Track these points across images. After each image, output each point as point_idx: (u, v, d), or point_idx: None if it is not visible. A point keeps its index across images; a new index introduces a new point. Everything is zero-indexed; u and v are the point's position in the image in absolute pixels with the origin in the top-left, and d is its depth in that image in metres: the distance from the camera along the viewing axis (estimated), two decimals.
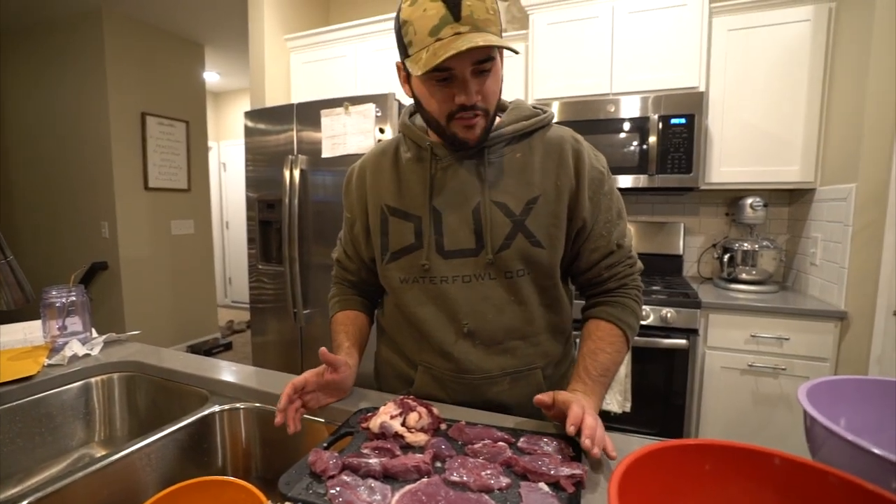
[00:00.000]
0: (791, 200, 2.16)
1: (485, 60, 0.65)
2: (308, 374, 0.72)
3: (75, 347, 1.03)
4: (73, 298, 1.07)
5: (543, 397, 0.65)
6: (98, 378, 1.01)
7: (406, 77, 0.73)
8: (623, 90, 2.02)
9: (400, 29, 0.67)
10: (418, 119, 0.82)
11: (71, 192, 3.44)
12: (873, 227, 1.50)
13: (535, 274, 0.76)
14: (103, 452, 0.69)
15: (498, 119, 0.78)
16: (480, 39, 0.60)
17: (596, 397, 0.71)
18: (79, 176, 3.38)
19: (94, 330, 1.14)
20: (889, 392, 0.54)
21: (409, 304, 0.80)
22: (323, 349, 0.70)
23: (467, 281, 0.76)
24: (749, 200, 2.02)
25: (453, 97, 0.67)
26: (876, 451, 0.39)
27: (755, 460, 0.41)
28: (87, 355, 1.04)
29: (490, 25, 0.63)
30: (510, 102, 0.81)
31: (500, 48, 0.65)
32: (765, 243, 1.96)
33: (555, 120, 0.86)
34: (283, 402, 0.68)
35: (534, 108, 0.80)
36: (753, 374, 1.73)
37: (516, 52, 0.65)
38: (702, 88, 1.92)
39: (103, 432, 1.01)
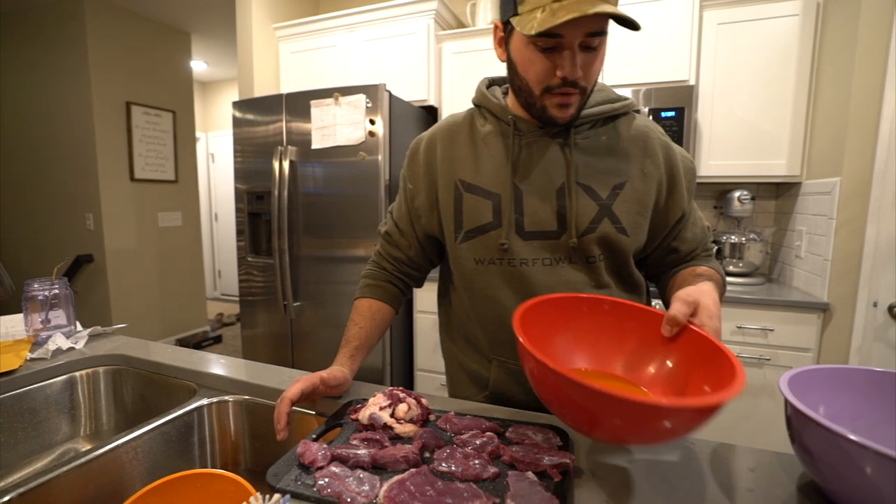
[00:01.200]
0: (778, 194, 2.18)
1: (597, 34, 0.61)
2: (302, 387, 0.68)
3: (59, 341, 1.01)
4: (56, 291, 1.05)
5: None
6: (83, 372, 0.99)
7: (503, 38, 0.69)
8: (614, 83, 2.02)
9: None
10: (497, 91, 0.78)
11: (54, 183, 3.37)
12: (856, 220, 1.53)
13: (613, 260, 0.74)
14: (89, 447, 0.69)
15: None
16: (607, 7, 0.56)
17: (710, 283, 0.62)
18: (62, 167, 3.32)
19: (78, 323, 1.13)
20: (865, 381, 0.56)
21: (483, 287, 0.76)
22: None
23: (548, 264, 0.72)
24: (737, 194, 2.04)
25: (555, 69, 0.63)
26: (852, 437, 0.40)
27: (601, 303, 0.63)
28: (72, 349, 1.03)
29: None
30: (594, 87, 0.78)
31: (624, 21, 0.58)
32: (752, 236, 1.98)
33: None
34: (282, 422, 0.64)
35: (618, 94, 0.76)
36: None
37: (638, 28, 0.59)
38: (692, 82, 1.93)
39: (89, 427, 1.00)
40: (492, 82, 0.81)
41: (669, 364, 0.56)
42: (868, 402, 0.55)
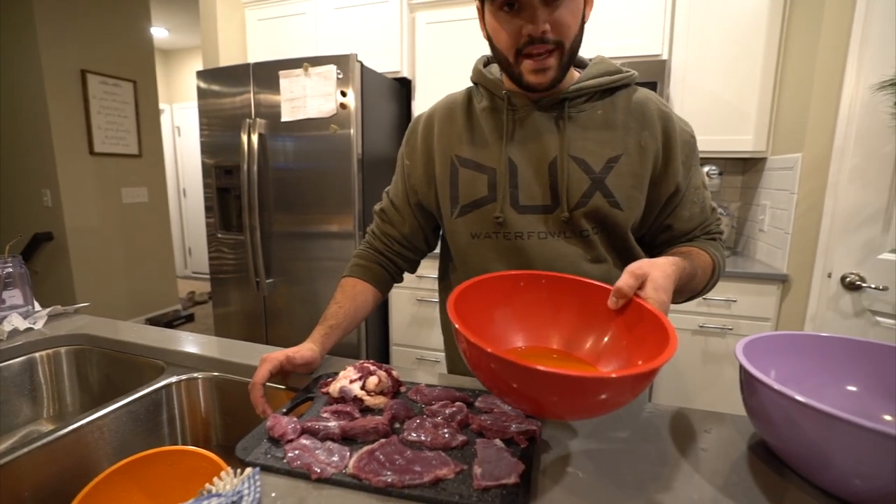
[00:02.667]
0: (745, 169, 2.24)
1: None
2: (269, 367, 0.68)
3: (15, 321, 0.98)
4: (10, 270, 1.00)
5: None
6: (43, 353, 0.96)
7: (482, 17, 0.70)
8: (587, 56, 2.00)
9: None
10: (494, 68, 0.78)
11: (6, 158, 3.18)
12: (815, 194, 1.59)
13: (608, 234, 0.73)
14: (52, 428, 0.67)
15: (578, 74, 0.74)
16: None
17: (672, 259, 0.61)
18: (13, 140, 3.12)
19: (37, 303, 1.08)
20: (812, 346, 0.59)
21: (479, 261, 0.76)
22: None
23: (543, 238, 0.72)
24: (706, 169, 2.08)
25: (521, 29, 0.63)
26: (797, 397, 0.43)
27: (539, 279, 0.61)
28: (30, 329, 0.99)
29: None
30: (592, 58, 0.76)
31: None
32: (719, 210, 2.04)
33: None
34: (261, 406, 0.66)
35: (619, 66, 0.75)
36: (703, 335, 1.83)
37: None
38: (664, 56, 1.93)
39: (52, 408, 0.98)
40: (489, 60, 0.81)
41: (607, 337, 0.56)
42: (815, 365, 0.58)
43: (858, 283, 1.44)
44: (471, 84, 0.81)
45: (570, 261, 0.72)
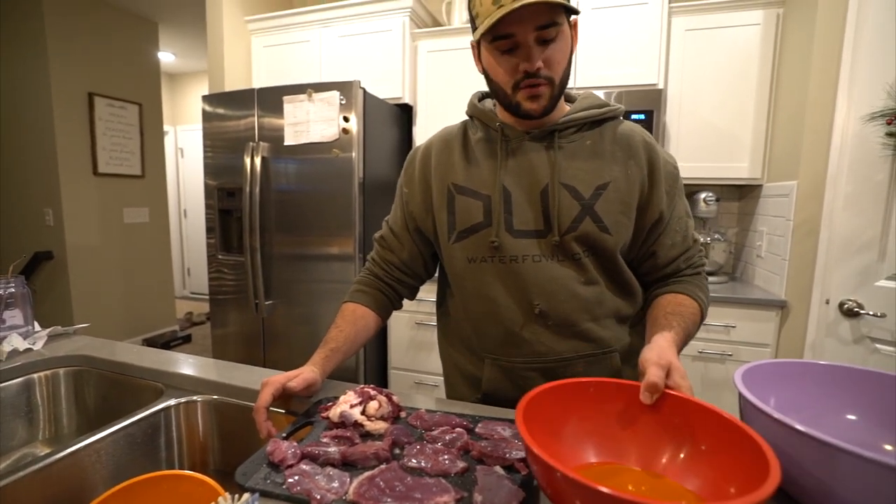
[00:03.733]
0: (741, 196, 2.27)
1: (548, 26, 0.65)
2: (272, 391, 0.68)
3: (15, 342, 0.97)
4: (12, 290, 1.01)
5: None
6: (41, 374, 0.96)
7: (477, 54, 0.75)
8: (586, 85, 2.06)
9: (469, 3, 0.69)
10: (488, 102, 0.83)
11: (10, 176, 3.21)
12: (811, 222, 1.61)
13: (598, 258, 0.76)
14: (48, 451, 0.66)
15: (568, 107, 0.79)
16: None
17: (672, 335, 0.66)
18: (18, 159, 3.16)
19: (36, 323, 1.08)
20: (812, 373, 0.59)
21: (476, 285, 0.78)
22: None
23: (537, 260, 0.75)
24: (703, 195, 2.11)
25: (518, 66, 0.68)
26: (798, 426, 0.43)
27: (609, 386, 0.58)
28: (29, 350, 0.99)
29: None
30: (580, 93, 0.81)
31: (562, 6, 0.64)
32: (716, 236, 2.06)
33: None
34: (265, 430, 0.65)
35: (606, 101, 0.80)
36: (703, 360, 1.83)
37: (577, 13, 0.66)
38: (661, 85, 1.98)
39: (48, 430, 0.97)
40: (484, 96, 0.85)
41: (684, 451, 0.52)
42: (814, 393, 0.58)
43: (857, 309, 1.44)
44: (466, 117, 0.86)
45: (564, 283, 0.75)
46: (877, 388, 0.56)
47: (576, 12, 0.67)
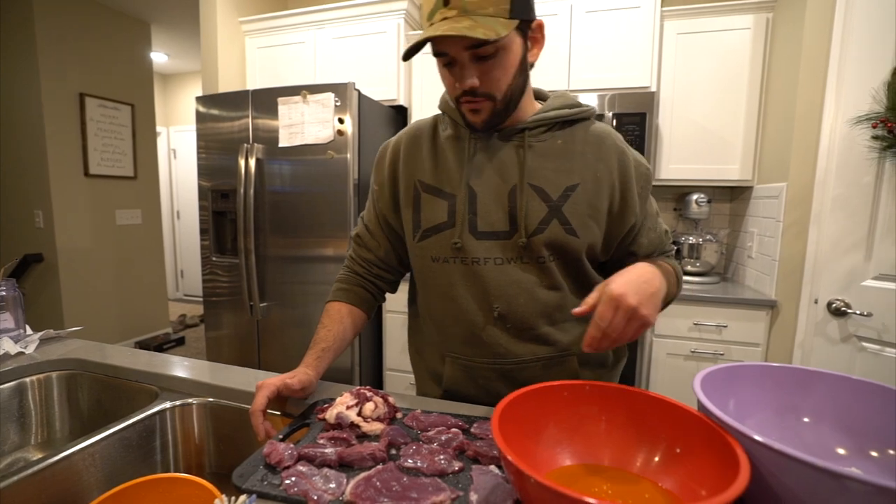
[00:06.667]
0: (732, 197, 2.30)
1: (480, 45, 0.63)
2: (267, 394, 0.68)
3: (6, 346, 0.97)
4: (3, 293, 1.00)
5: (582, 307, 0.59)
6: (34, 377, 0.95)
7: None
8: (580, 87, 2.08)
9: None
10: None
11: None
12: (800, 223, 1.63)
13: (564, 261, 0.75)
14: (41, 455, 0.66)
15: (539, 105, 0.78)
16: (463, 25, 0.60)
17: (655, 271, 0.62)
18: (7, 160, 3.12)
19: (28, 327, 1.08)
20: (770, 376, 0.59)
21: (438, 285, 0.79)
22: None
23: (499, 263, 0.74)
24: (694, 196, 2.14)
25: (455, 82, 0.68)
26: (757, 437, 0.42)
27: (584, 388, 0.58)
28: (21, 353, 0.98)
29: (483, 7, 0.61)
30: (554, 92, 0.81)
31: (473, 38, 0.60)
32: (708, 237, 2.08)
33: None
34: (262, 433, 0.66)
35: (578, 101, 0.80)
36: (695, 360, 1.85)
37: (487, 42, 0.61)
38: (653, 88, 2.00)
39: (41, 435, 0.96)
40: None
41: (659, 451, 0.53)
42: (772, 396, 0.58)
43: (844, 309, 1.47)
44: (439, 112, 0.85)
45: (525, 287, 0.75)
46: (831, 390, 0.56)
47: (528, 22, 0.66)
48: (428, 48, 0.65)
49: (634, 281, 0.58)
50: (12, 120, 3.07)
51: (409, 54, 0.65)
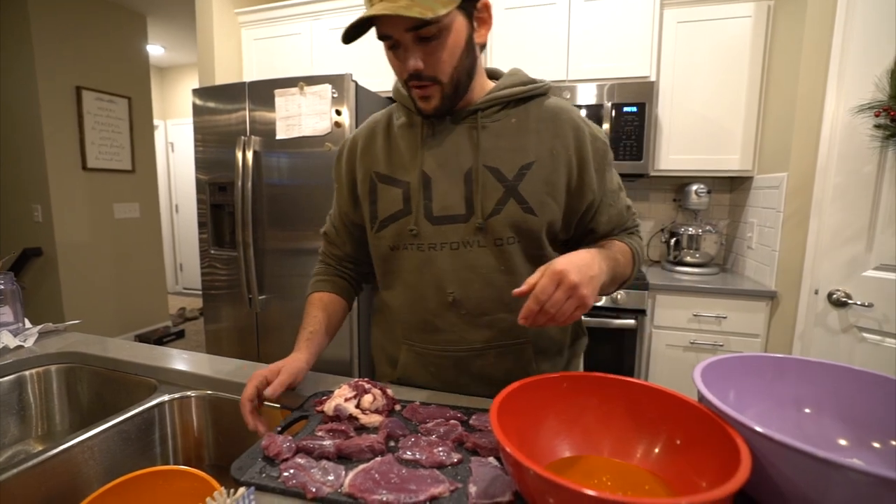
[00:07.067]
0: (732, 187, 2.29)
1: (422, 26, 0.62)
2: (256, 384, 0.68)
3: (5, 339, 0.96)
4: (2, 287, 1.00)
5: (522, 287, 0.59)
6: (33, 371, 0.95)
7: None
8: (579, 77, 2.06)
9: None
10: None
11: None
12: (800, 213, 1.63)
13: (525, 242, 0.74)
14: (41, 448, 0.66)
15: (492, 84, 0.77)
16: (399, 5, 0.58)
17: (595, 249, 0.66)
18: (5, 154, 3.11)
19: (27, 320, 1.07)
20: (771, 367, 0.58)
21: (395, 272, 0.79)
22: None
23: (455, 248, 0.74)
24: (694, 187, 2.13)
25: (401, 66, 0.68)
26: (758, 428, 0.42)
27: (583, 380, 0.58)
28: (20, 347, 0.98)
29: None
30: (508, 71, 0.79)
31: (412, 18, 0.59)
32: (707, 228, 2.08)
33: None
34: (252, 423, 0.66)
35: (532, 78, 0.78)
36: (695, 351, 1.85)
37: (426, 24, 0.61)
38: (653, 78, 1.99)
39: (41, 427, 0.96)
40: None
41: (660, 443, 0.53)
42: (773, 387, 0.57)
43: (844, 299, 1.47)
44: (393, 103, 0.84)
45: (480, 272, 0.74)
46: (832, 381, 0.56)
47: (473, 1, 0.64)
48: (338, 40, 0.65)
49: (576, 262, 0.59)
50: (9, 114, 3.05)
51: (347, 37, 0.64)
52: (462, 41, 0.67)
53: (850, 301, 1.46)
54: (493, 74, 0.80)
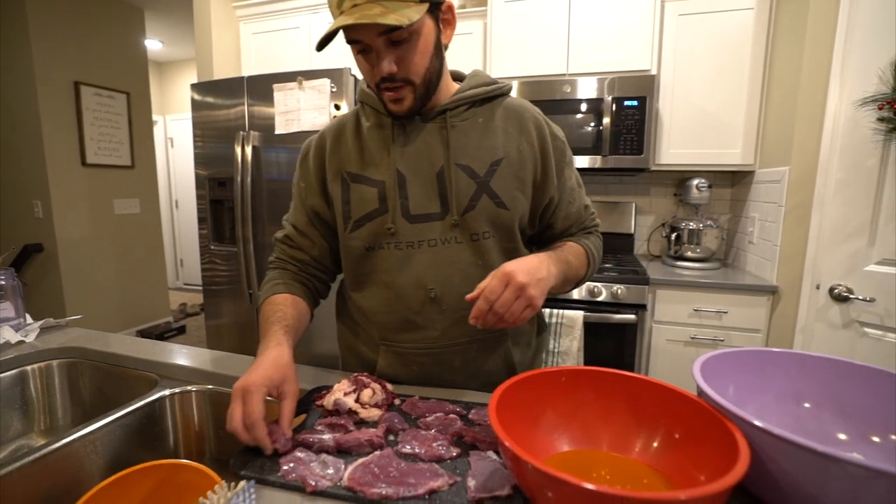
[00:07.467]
0: (733, 182, 2.28)
1: (394, 30, 0.62)
2: (262, 397, 0.58)
3: (7, 334, 0.97)
4: (2, 282, 1.00)
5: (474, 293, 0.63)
6: (35, 366, 0.95)
7: None
8: (579, 71, 2.05)
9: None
10: None
11: None
12: (802, 207, 1.62)
13: (500, 236, 0.77)
14: (43, 442, 0.67)
15: (457, 85, 0.79)
16: (374, 12, 0.59)
17: (544, 254, 0.71)
18: (5, 151, 3.10)
19: (28, 316, 1.08)
20: (770, 362, 0.58)
21: (372, 272, 0.78)
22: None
23: (433, 245, 0.75)
24: (695, 181, 2.12)
25: (373, 69, 0.68)
26: (757, 423, 0.42)
27: (582, 374, 0.58)
28: (22, 342, 0.98)
29: None
30: (470, 73, 0.81)
31: (386, 25, 0.60)
32: (708, 223, 2.07)
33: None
34: (270, 445, 0.56)
35: (494, 79, 0.81)
36: (695, 346, 1.85)
37: (399, 27, 0.61)
38: (653, 72, 1.98)
39: (43, 422, 0.97)
40: None
41: (658, 437, 0.53)
42: (772, 381, 0.57)
43: (846, 294, 1.46)
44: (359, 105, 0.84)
45: (460, 267, 0.76)
46: (832, 376, 0.55)
47: (437, 4, 0.66)
48: (341, 36, 0.64)
49: (525, 265, 0.64)
50: (9, 110, 3.04)
51: (321, 45, 0.64)
52: (431, 43, 0.69)
53: (851, 296, 1.45)
54: (456, 76, 0.82)
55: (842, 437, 0.53)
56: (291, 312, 0.75)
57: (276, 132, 1.99)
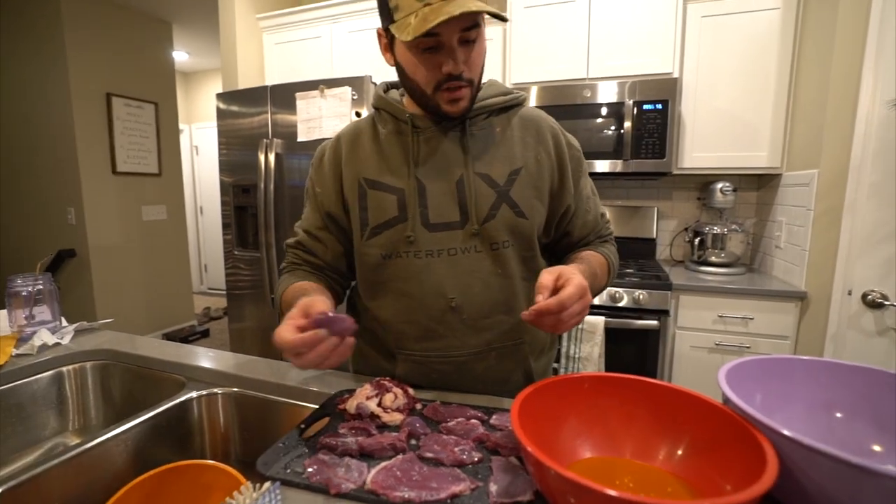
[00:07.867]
0: (759, 185, 2.23)
1: (472, 28, 0.65)
2: (297, 322, 0.59)
3: (44, 336, 1.01)
4: (40, 287, 1.04)
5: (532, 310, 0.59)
6: (70, 367, 0.99)
7: (388, 45, 0.73)
8: (599, 75, 2.03)
9: None
10: (394, 93, 0.81)
11: (33, 177, 3.30)
12: (833, 211, 1.57)
13: (519, 245, 0.77)
14: (78, 441, 0.69)
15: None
16: (472, 4, 0.60)
17: (576, 265, 0.72)
18: (42, 160, 3.24)
19: (63, 319, 1.12)
20: (799, 370, 0.56)
21: (389, 281, 0.77)
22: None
23: (453, 254, 0.74)
24: (719, 185, 2.08)
25: (440, 66, 0.67)
26: (786, 433, 0.41)
27: (604, 381, 0.57)
28: (58, 344, 1.02)
29: None
30: (487, 82, 0.81)
31: (491, 14, 0.65)
32: (733, 227, 2.02)
33: (532, 103, 0.88)
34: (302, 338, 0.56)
35: (510, 88, 0.82)
36: (720, 353, 1.81)
37: (505, 20, 0.66)
38: (676, 74, 1.95)
39: (77, 421, 1.00)
40: (390, 86, 0.83)
41: (684, 444, 0.52)
42: (802, 390, 0.56)
43: (881, 300, 1.41)
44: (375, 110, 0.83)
45: (481, 276, 0.75)
46: (866, 385, 0.53)
47: (504, 20, 0.67)
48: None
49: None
50: (46, 121, 3.18)
51: (419, 37, 0.61)
52: (485, 48, 0.71)
53: (886, 302, 1.40)
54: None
55: (876, 448, 0.51)
56: (314, 286, 0.76)
57: (299, 139, 2.04)
